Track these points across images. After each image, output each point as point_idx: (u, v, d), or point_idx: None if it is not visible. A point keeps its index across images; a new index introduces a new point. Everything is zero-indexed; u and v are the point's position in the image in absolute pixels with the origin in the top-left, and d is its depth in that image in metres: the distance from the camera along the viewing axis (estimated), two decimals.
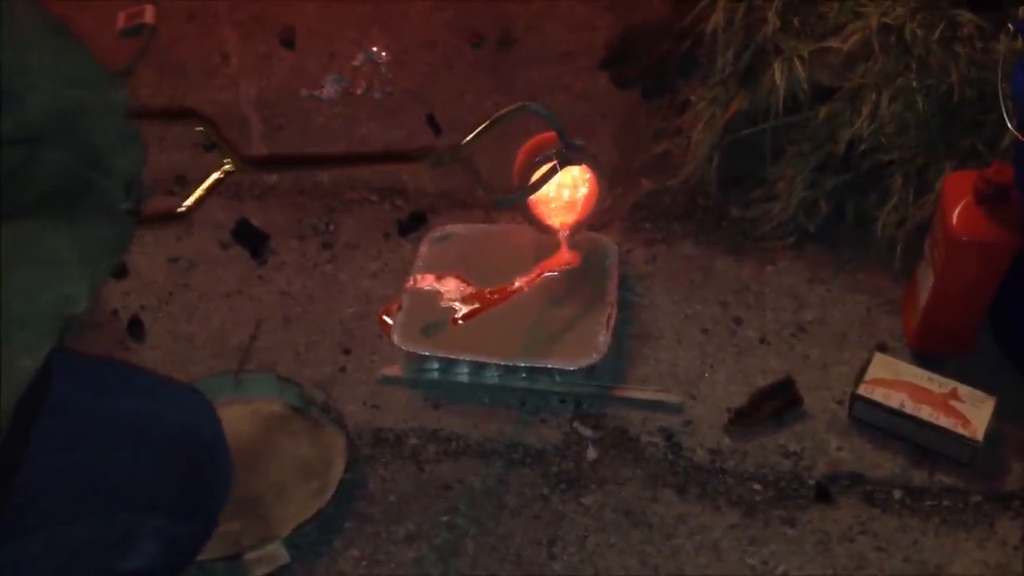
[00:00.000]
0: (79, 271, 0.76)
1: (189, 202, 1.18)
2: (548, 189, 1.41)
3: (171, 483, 0.94)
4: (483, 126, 1.31)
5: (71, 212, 0.78)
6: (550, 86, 1.84)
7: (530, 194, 1.40)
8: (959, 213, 1.28)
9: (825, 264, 1.54)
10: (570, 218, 1.48)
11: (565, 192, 1.46)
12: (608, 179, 1.48)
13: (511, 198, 1.41)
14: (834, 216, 1.55)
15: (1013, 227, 1.27)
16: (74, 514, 0.89)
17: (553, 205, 1.47)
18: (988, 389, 1.33)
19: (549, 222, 1.48)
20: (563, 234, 1.49)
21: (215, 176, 1.21)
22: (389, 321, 1.45)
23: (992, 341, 1.42)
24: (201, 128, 1.27)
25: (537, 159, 1.38)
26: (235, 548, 1.24)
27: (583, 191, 1.47)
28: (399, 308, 1.45)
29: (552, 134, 1.37)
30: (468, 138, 1.31)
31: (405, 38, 1.94)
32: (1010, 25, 1.36)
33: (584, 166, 1.42)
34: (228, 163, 1.22)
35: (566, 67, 1.88)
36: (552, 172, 1.38)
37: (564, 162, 1.38)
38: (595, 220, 1.51)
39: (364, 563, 1.25)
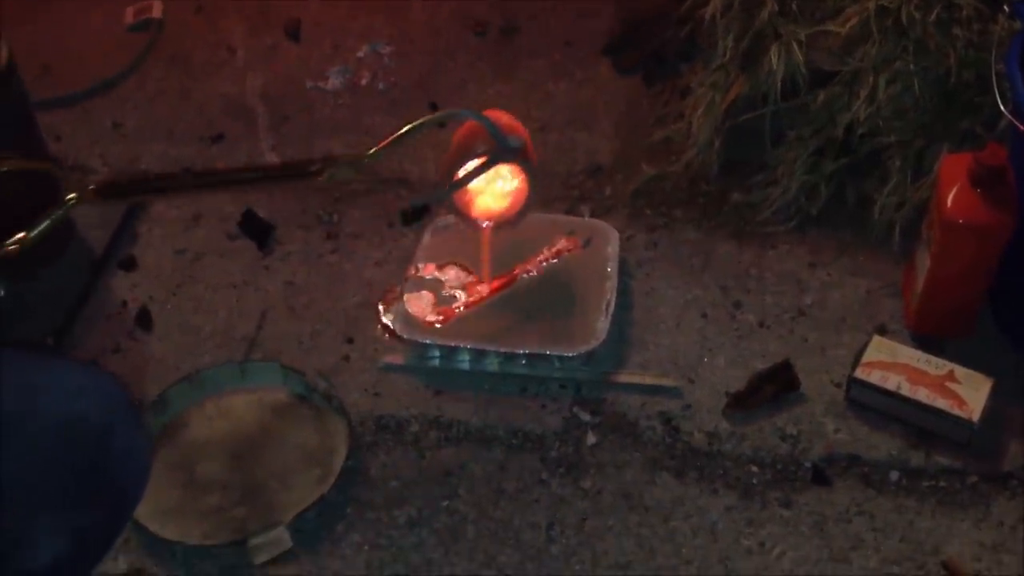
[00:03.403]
0: None
1: (19, 238, 1.15)
2: (480, 180, 1.34)
3: (55, 477, 0.91)
4: (395, 135, 1.25)
5: None
6: (553, 73, 1.85)
7: (451, 192, 1.34)
8: (954, 196, 1.29)
9: (826, 248, 1.55)
10: (497, 210, 1.41)
11: (499, 183, 1.39)
12: (536, 179, 1.37)
13: (428, 197, 1.34)
14: (835, 200, 1.55)
15: (1008, 209, 1.27)
16: None
17: (482, 196, 1.40)
18: (989, 371, 1.33)
19: (474, 213, 1.40)
20: (486, 225, 1.42)
21: (59, 212, 1.18)
22: (387, 322, 1.46)
23: (993, 322, 1.42)
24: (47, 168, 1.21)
25: (467, 154, 1.31)
26: (240, 533, 1.27)
27: (515, 183, 1.39)
28: (398, 296, 1.47)
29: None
30: (373, 149, 1.25)
31: (409, 28, 1.95)
32: (1006, 7, 1.36)
33: (516, 167, 1.35)
34: (72, 197, 1.19)
35: (568, 54, 1.89)
36: (479, 171, 1.31)
37: (495, 160, 1.31)
38: (519, 218, 1.42)
39: (366, 548, 1.27)
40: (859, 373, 1.34)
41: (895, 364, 1.34)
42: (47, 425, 0.92)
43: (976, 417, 1.29)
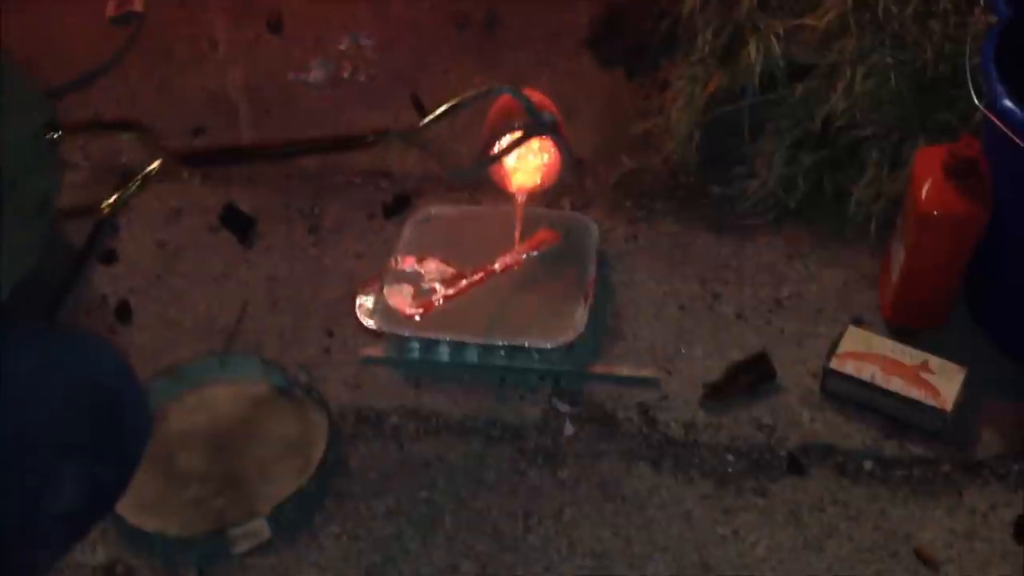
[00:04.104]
0: None
1: (111, 201, 1.18)
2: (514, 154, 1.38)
3: (78, 429, 0.97)
4: (443, 108, 1.30)
5: None
6: (535, 66, 1.86)
7: (488, 166, 1.38)
8: (928, 188, 1.29)
9: (804, 240, 1.56)
10: (529, 183, 1.44)
11: (530, 157, 1.42)
12: (571, 154, 1.43)
13: (466, 171, 1.40)
14: (813, 192, 1.56)
15: (982, 201, 1.28)
16: None
17: (516, 170, 1.44)
18: (962, 361, 1.34)
19: (508, 186, 1.45)
20: (519, 199, 1.46)
21: (145, 176, 1.21)
22: (367, 315, 1.47)
23: (967, 313, 1.43)
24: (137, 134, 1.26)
25: (502, 128, 1.35)
26: (219, 525, 1.27)
27: (546, 157, 1.43)
28: (377, 288, 1.48)
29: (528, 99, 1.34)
30: (425, 120, 1.30)
31: (391, 21, 1.96)
32: (982, 0, 1.37)
33: (549, 140, 1.38)
34: (157, 163, 1.22)
35: (551, 47, 1.89)
36: (515, 145, 1.35)
37: (530, 134, 1.34)
38: (551, 192, 1.49)
39: (344, 538, 1.27)
40: (834, 363, 1.35)
41: (870, 354, 1.35)
42: (71, 381, 1.00)
43: (949, 407, 1.30)
